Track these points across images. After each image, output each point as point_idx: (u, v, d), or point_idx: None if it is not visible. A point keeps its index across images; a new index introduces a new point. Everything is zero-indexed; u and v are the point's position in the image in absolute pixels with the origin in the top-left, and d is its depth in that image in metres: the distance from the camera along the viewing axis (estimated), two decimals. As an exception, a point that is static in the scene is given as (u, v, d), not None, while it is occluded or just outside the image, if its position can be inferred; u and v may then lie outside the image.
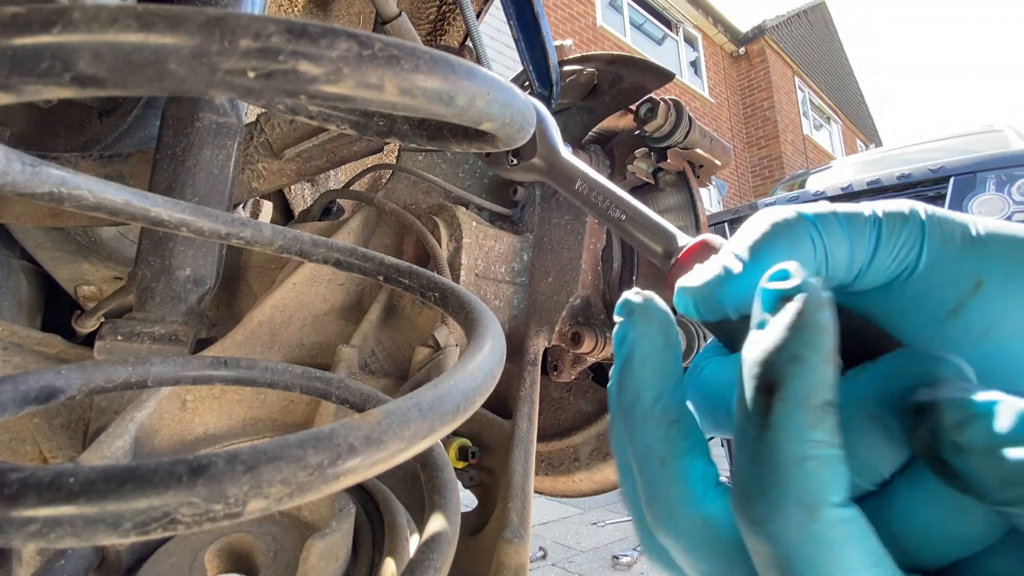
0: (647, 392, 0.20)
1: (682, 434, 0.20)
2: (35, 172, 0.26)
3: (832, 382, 0.16)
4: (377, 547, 0.31)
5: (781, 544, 0.15)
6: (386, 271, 0.35)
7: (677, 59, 9.47)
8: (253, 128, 0.76)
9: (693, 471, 0.19)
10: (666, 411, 0.20)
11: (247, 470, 0.15)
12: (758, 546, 0.16)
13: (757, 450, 0.16)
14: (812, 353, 0.16)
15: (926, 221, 0.19)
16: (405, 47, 0.17)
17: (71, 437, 0.57)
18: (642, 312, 0.21)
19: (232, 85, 0.15)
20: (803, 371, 0.16)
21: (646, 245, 0.28)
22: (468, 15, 0.74)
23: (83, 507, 0.13)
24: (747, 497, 0.16)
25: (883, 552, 0.16)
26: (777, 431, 0.16)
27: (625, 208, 0.29)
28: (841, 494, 0.15)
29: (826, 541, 0.15)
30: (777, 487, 0.16)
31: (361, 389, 0.36)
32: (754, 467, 0.16)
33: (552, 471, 0.74)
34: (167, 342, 0.56)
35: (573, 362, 0.74)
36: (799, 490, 0.15)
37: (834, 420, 0.16)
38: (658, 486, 0.19)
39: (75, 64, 0.14)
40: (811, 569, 0.15)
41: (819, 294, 0.16)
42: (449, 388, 0.19)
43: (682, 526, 0.19)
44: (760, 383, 0.16)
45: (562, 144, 0.34)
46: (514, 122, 0.22)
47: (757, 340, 0.17)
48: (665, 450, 0.19)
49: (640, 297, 0.21)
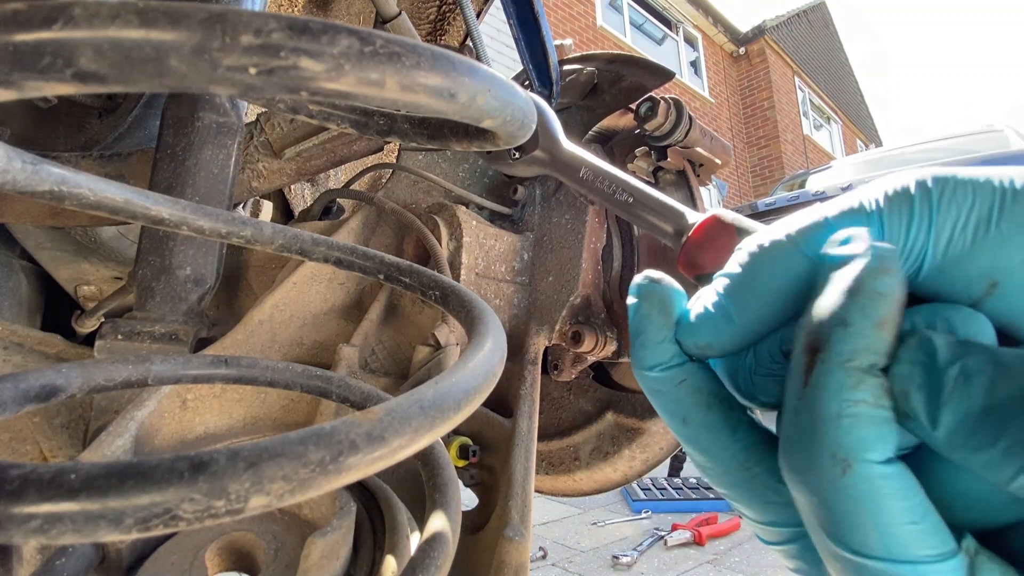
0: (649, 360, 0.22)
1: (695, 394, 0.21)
2: (35, 170, 0.26)
3: (885, 348, 0.16)
4: (378, 545, 0.31)
5: (815, 494, 0.16)
6: (386, 270, 0.35)
7: (677, 59, 9.47)
8: (253, 127, 0.76)
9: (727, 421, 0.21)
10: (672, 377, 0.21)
11: (248, 466, 0.15)
12: (798, 495, 0.17)
13: (799, 406, 0.17)
14: (862, 319, 0.16)
15: (935, 208, 0.18)
16: (406, 44, 0.17)
17: (71, 436, 0.57)
18: (646, 293, 0.22)
19: (233, 81, 0.15)
20: (849, 335, 0.16)
21: (656, 225, 0.28)
22: (468, 15, 0.74)
23: (84, 503, 0.13)
24: (787, 448, 0.18)
25: (928, 509, 0.16)
26: (815, 389, 0.17)
27: (632, 191, 0.29)
28: (883, 452, 0.16)
29: (858, 495, 0.16)
30: (813, 441, 0.16)
31: (362, 388, 0.36)
32: (794, 421, 0.17)
33: (552, 470, 0.74)
34: (167, 341, 0.56)
35: (573, 361, 0.74)
36: (833, 445, 0.16)
37: (881, 383, 0.16)
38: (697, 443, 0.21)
39: (76, 60, 0.14)
40: (843, 520, 0.16)
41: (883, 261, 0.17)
42: (450, 385, 0.19)
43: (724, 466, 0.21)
44: (806, 344, 0.17)
45: (563, 135, 0.34)
46: (515, 119, 0.22)
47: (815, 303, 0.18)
48: (684, 411, 0.21)
49: (646, 279, 0.23)
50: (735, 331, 0.20)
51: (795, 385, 0.17)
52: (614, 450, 0.69)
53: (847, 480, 0.16)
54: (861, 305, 0.16)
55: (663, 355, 0.22)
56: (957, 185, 0.18)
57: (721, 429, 0.21)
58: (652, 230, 0.28)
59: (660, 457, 0.69)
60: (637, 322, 0.22)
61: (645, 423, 0.68)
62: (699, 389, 0.21)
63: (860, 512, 0.16)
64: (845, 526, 0.16)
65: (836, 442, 0.16)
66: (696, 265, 0.25)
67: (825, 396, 0.16)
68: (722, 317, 0.21)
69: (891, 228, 0.18)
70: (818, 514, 0.17)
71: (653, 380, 0.22)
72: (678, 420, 0.22)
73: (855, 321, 0.16)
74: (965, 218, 0.18)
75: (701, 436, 0.21)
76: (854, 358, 0.16)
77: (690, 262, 0.26)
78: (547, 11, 1.02)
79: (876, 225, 0.18)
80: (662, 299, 0.22)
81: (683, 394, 0.21)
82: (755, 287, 0.20)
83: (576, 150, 0.33)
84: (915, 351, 0.16)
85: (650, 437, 0.68)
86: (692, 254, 0.26)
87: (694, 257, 0.26)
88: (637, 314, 0.22)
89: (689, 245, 0.26)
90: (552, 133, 0.33)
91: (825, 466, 0.16)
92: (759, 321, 0.20)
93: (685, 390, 0.21)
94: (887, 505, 0.16)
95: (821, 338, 0.17)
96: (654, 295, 0.22)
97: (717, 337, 0.21)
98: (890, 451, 0.16)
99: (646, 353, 0.22)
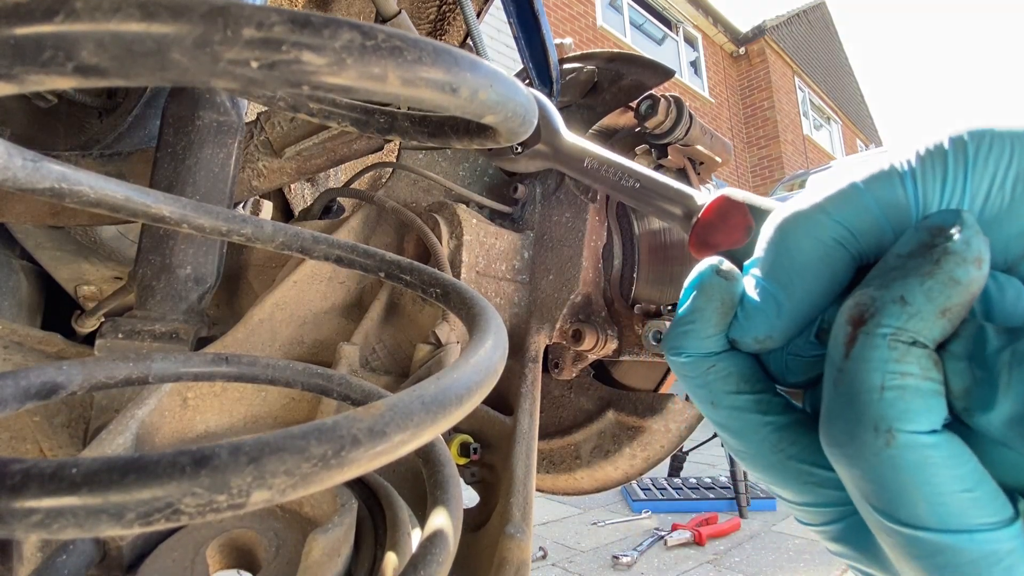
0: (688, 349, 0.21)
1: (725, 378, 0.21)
2: (36, 167, 0.26)
3: (939, 335, 0.16)
4: (379, 542, 0.31)
5: (858, 467, 0.16)
6: (387, 267, 0.35)
7: (677, 59, 9.48)
8: (253, 127, 0.76)
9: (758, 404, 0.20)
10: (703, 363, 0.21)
11: (250, 461, 0.14)
12: (841, 469, 0.17)
13: (838, 378, 0.17)
14: (925, 302, 0.16)
15: (970, 164, 0.17)
16: (408, 38, 0.17)
17: (71, 436, 0.57)
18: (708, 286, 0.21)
19: (235, 75, 0.15)
20: (903, 313, 0.16)
21: (664, 209, 0.28)
22: (468, 14, 0.74)
23: (86, 498, 0.13)
24: (828, 421, 0.17)
25: (983, 476, 0.16)
26: (856, 361, 0.16)
27: (638, 177, 0.29)
28: (929, 423, 0.15)
29: (904, 466, 0.15)
30: (854, 412, 0.16)
31: (362, 386, 0.36)
32: (834, 394, 0.17)
33: (553, 469, 0.74)
34: (168, 340, 0.55)
35: (574, 360, 0.74)
36: (875, 416, 0.16)
37: (929, 354, 0.16)
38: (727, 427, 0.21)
39: (78, 54, 0.14)
40: (890, 492, 0.16)
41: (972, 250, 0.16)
42: (452, 381, 0.19)
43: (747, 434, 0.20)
44: (850, 315, 0.17)
45: (564, 127, 0.34)
46: (517, 115, 0.22)
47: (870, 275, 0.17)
48: (712, 394, 0.21)
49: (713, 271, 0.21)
50: (787, 316, 0.19)
51: (836, 356, 0.17)
52: (615, 448, 0.69)
53: (891, 452, 0.15)
54: (928, 288, 0.16)
55: (706, 347, 0.21)
56: (994, 139, 0.17)
57: (752, 411, 0.20)
58: (660, 214, 0.28)
59: (661, 455, 0.68)
60: (690, 312, 0.21)
61: (646, 421, 0.68)
62: (729, 373, 0.21)
63: (907, 483, 0.15)
64: (893, 499, 0.15)
65: (878, 414, 0.16)
66: (709, 245, 0.25)
67: (867, 368, 0.16)
68: (772, 304, 0.20)
69: (925, 188, 0.17)
70: (863, 488, 0.16)
71: (682, 365, 0.21)
72: (706, 403, 0.21)
73: (915, 301, 0.16)
74: (1003, 174, 0.17)
75: (731, 419, 0.21)
76: (901, 334, 0.16)
77: (702, 242, 0.25)
78: (547, 11, 1.02)
79: (909, 186, 0.18)
80: (723, 296, 0.21)
81: (712, 378, 0.21)
82: (795, 264, 0.19)
83: (578, 141, 0.33)
84: (968, 337, 0.16)
85: (651, 435, 0.68)
86: (704, 234, 0.25)
87: (706, 237, 0.25)
88: (692, 303, 0.21)
89: (700, 226, 0.25)
90: (553, 126, 0.33)
91: (867, 438, 0.16)
92: (808, 301, 0.19)
93: (714, 374, 0.21)
94: (936, 475, 0.15)
95: (869, 310, 0.16)
96: (715, 290, 0.21)
97: (772, 327, 0.20)
98: (937, 422, 0.16)
99: (687, 342, 0.21)
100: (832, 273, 0.19)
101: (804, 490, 0.20)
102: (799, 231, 0.19)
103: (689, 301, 0.21)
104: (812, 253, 0.19)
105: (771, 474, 0.20)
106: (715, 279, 0.21)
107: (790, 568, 2.09)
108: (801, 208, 0.19)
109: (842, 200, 0.18)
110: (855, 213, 0.18)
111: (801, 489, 0.20)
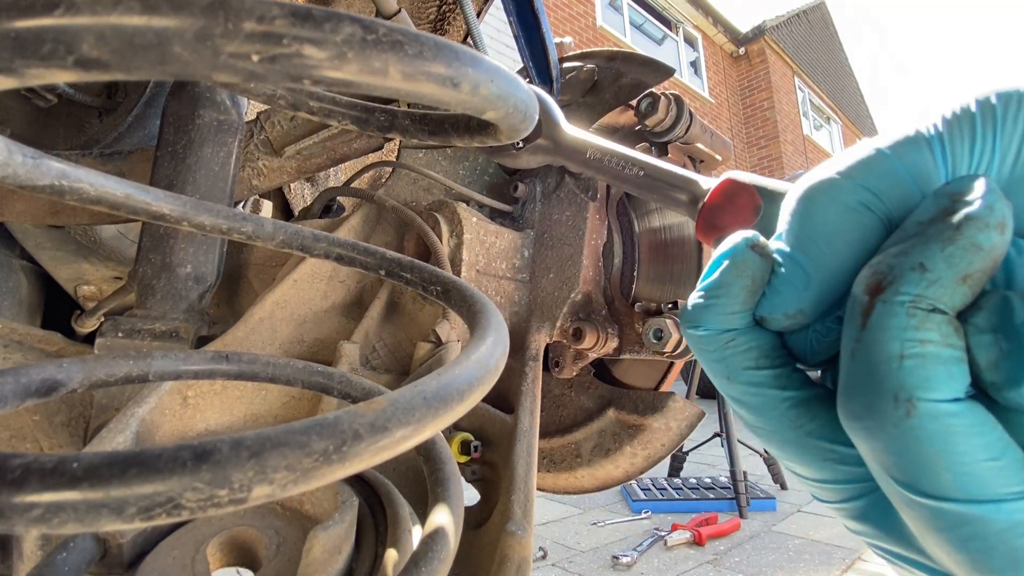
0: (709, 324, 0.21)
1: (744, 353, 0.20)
2: (36, 165, 0.26)
3: (959, 302, 0.15)
4: (380, 540, 0.31)
5: (878, 439, 0.16)
6: (388, 266, 0.35)
7: (677, 59, 9.48)
8: (253, 125, 0.76)
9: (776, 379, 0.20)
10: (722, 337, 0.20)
11: (252, 456, 0.14)
12: (860, 442, 0.16)
13: (856, 349, 0.16)
14: (945, 268, 0.15)
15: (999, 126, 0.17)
16: (409, 33, 0.17)
17: (71, 434, 0.57)
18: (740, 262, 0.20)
19: (236, 69, 0.15)
20: (923, 280, 0.15)
21: (669, 196, 0.27)
22: (468, 13, 0.74)
23: (86, 492, 0.13)
24: (845, 393, 0.17)
25: (1008, 444, 0.15)
26: (874, 331, 0.16)
27: (641, 164, 0.29)
28: (951, 391, 0.15)
29: (926, 436, 0.15)
30: (873, 383, 0.16)
31: (363, 384, 0.36)
32: (852, 365, 0.16)
33: (554, 468, 0.74)
34: (168, 339, 0.55)
35: (574, 358, 0.74)
36: (895, 385, 0.15)
37: (949, 320, 0.15)
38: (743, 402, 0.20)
39: (78, 47, 0.14)
40: (912, 463, 0.15)
41: (995, 215, 0.15)
42: (453, 377, 0.19)
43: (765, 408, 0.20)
44: (867, 284, 0.16)
45: (564, 120, 0.34)
46: (518, 111, 0.22)
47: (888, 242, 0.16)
48: (729, 369, 0.20)
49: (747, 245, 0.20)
50: (817, 288, 0.19)
51: (853, 327, 0.16)
52: (616, 447, 0.69)
53: (912, 421, 0.15)
54: (949, 254, 0.15)
55: (730, 324, 0.20)
56: (1022, 100, 0.16)
57: (771, 387, 0.20)
58: (666, 201, 0.28)
59: (662, 454, 0.68)
60: (717, 285, 0.20)
61: (647, 420, 0.68)
62: (749, 348, 0.20)
63: (930, 453, 0.15)
64: (915, 470, 0.15)
65: (898, 383, 0.15)
66: (717, 227, 0.24)
67: (886, 337, 0.15)
68: (801, 277, 0.19)
69: (953, 151, 0.17)
70: (884, 461, 0.16)
71: (699, 338, 0.21)
72: (721, 378, 0.20)
73: (935, 268, 0.15)
74: None
75: (748, 394, 0.20)
76: (920, 302, 0.15)
77: (709, 225, 0.25)
78: (547, 11, 1.02)
79: (937, 150, 0.17)
80: (755, 272, 0.20)
81: (730, 353, 0.20)
82: (822, 232, 0.18)
83: (580, 133, 0.33)
84: (993, 308, 0.15)
85: (652, 434, 0.68)
86: (711, 217, 0.25)
87: (713, 220, 0.25)
88: (721, 277, 0.20)
89: (707, 209, 0.25)
90: (554, 119, 0.33)
91: (887, 409, 0.15)
92: (839, 270, 0.18)
93: (733, 349, 0.20)
94: (960, 444, 0.15)
95: (887, 278, 0.16)
96: (748, 265, 0.20)
97: (802, 301, 0.19)
98: (960, 390, 0.15)
99: (709, 316, 0.20)
100: (862, 239, 0.18)
101: (823, 467, 0.19)
102: (825, 198, 0.18)
103: (717, 274, 0.20)
104: (840, 219, 0.18)
105: (789, 451, 0.20)
106: (749, 254, 0.20)
107: (790, 568, 2.09)
108: (826, 175, 0.19)
109: (868, 165, 0.18)
110: (882, 178, 0.18)
111: (820, 466, 0.19)
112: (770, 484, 3.06)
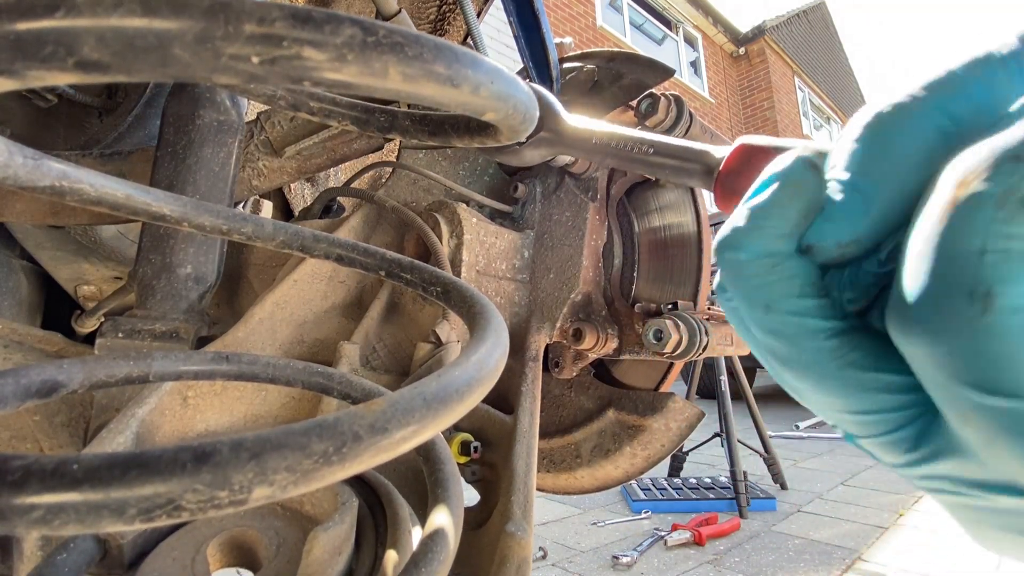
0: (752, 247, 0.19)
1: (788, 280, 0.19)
2: (36, 165, 0.26)
3: None
4: (380, 540, 0.31)
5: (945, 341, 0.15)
6: (388, 266, 0.35)
7: (677, 59, 9.48)
8: (253, 126, 0.76)
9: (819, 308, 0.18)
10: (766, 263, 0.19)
11: (252, 457, 0.14)
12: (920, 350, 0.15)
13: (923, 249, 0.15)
14: None
15: None
16: (409, 35, 0.17)
17: (72, 435, 0.57)
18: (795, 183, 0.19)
19: (236, 70, 0.15)
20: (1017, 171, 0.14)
21: (681, 168, 0.27)
22: (468, 13, 0.74)
23: (87, 493, 0.13)
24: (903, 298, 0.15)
25: None
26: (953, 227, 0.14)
27: (650, 143, 0.28)
28: None
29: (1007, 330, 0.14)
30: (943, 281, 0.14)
31: (363, 384, 0.36)
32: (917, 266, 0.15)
33: (554, 468, 0.74)
34: (168, 339, 0.55)
35: (574, 358, 0.74)
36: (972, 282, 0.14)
37: None
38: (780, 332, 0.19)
39: (79, 49, 0.14)
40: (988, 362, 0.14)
41: None
42: (453, 378, 0.19)
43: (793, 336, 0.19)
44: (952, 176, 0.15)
45: (564, 111, 0.33)
46: (518, 111, 0.22)
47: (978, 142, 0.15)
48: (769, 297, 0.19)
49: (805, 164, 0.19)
50: (877, 215, 0.17)
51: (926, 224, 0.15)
52: (615, 447, 0.69)
53: (990, 318, 0.14)
54: None
55: (775, 247, 0.19)
56: None
57: (813, 316, 0.18)
58: (678, 175, 0.27)
59: (661, 454, 0.68)
60: (767, 206, 0.19)
61: (646, 420, 0.68)
62: (795, 275, 0.19)
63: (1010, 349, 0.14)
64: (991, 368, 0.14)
65: (976, 278, 0.14)
66: (736, 192, 0.24)
67: (967, 231, 0.14)
68: (859, 203, 0.18)
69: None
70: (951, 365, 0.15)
71: (739, 263, 0.19)
72: (759, 306, 0.19)
73: None
74: None
75: (787, 325, 0.19)
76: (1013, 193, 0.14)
77: (728, 191, 0.24)
78: (547, 11, 1.02)
79: (1013, 69, 0.16)
80: (811, 194, 0.18)
81: (773, 279, 0.19)
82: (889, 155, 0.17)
83: (582, 120, 0.32)
84: None
85: (651, 434, 0.68)
86: (729, 183, 0.24)
87: (732, 185, 0.24)
88: (772, 197, 0.19)
89: (724, 175, 0.24)
90: (554, 110, 0.32)
91: (959, 307, 0.14)
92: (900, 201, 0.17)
93: (778, 275, 0.19)
94: None
95: (975, 171, 0.14)
96: (804, 186, 0.18)
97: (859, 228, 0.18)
98: None
99: (754, 239, 0.19)
100: (931, 164, 0.17)
101: (865, 397, 0.18)
102: (897, 122, 0.17)
103: (768, 193, 0.19)
104: (909, 141, 0.17)
105: (828, 384, 0.19)
106: (806, 173, 0.18)
107: (790, 568, 2.09)
108: (894, 99, 0.17)
109: (941, 87, 0.17)
110: (955, 99, 0.17)
111: (862, 396, 0.18)
112: (770, 484, 3.06)
